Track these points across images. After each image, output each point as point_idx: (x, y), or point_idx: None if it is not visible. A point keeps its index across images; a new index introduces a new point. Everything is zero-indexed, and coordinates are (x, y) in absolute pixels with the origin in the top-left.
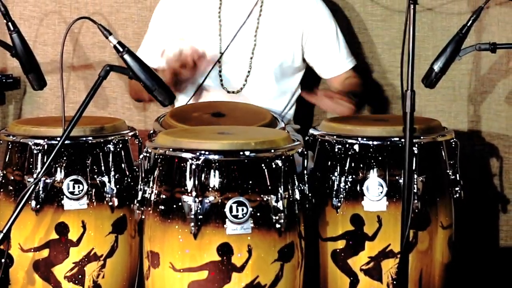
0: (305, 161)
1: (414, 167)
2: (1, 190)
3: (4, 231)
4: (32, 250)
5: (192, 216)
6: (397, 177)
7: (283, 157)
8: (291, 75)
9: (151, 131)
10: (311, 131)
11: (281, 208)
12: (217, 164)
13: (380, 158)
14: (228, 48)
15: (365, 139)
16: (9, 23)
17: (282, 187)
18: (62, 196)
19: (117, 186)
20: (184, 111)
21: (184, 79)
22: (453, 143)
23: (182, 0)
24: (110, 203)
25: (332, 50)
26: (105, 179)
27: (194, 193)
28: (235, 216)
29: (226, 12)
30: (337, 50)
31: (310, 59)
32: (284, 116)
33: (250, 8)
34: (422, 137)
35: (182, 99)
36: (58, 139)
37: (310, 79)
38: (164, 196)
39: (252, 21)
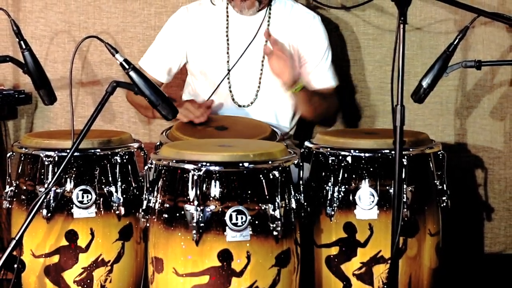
0: (301, 172)
1: (403, 178)
2: (14, 199)
3: (17, 238)
4: (43, 256)
5: (194, 224)
6: (387, 187)
7: (280, 168)
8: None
9: (158, 143)
10: (307, 143)
11: (278, 216)
12: (217, 175)
13: (371, 169)
14: (237, 65)
15: (357, 151)
16: (21, 42)
17: (279, 196)
18: (71, 205)
19: (124, 196)
20: (189, 125)
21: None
22: (441, 155)
23: (191, 19)
24: (117, 212)
25: (316, 65)
26: (112, 189)
27: (196, 202)
28: (235, 224)
29: (233, 31)
30: (320, 67)
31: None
32: (288, 132)
33: (257, 27)
34: (411, 149)
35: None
36: (68, 151)
37: None
38: (167, 205)
39: (260, 38)
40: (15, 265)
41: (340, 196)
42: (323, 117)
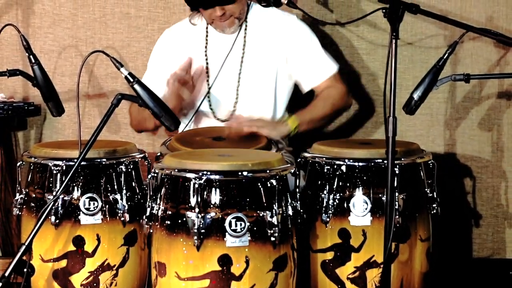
0: (297, 180)
1: (395, 186)
2: (24, 206)
3: (26, 243)
4: (52, 260)
5: (195, 230)
6: (380, 195)
7: (277, 177)
8: (279, 98)
9: (159, 154)
10: (303, 153)
11: (276, 223)
12: (217, 183)
13: (365, 177)
14: (216, 82)
15: (351, 160)
16: (31, 56)
17: (276, 204)
18: (78, 212)
19: (128, 203)
20: (188, 136)
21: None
22: (431, 164)
23: (175, 40)
24: (122, 218)
25: (309, 62)
26: (118, 196)
27: (197, 210)
28: (234, 230)
29: (211, 50)
30: (315, 59)
31: (294, 74)
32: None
33: (232, 42)
34: (403, 159)
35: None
36: (75, 160)
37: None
38: (170, 212)
39: (236, 52)
40: (25, 269)
41: (335, 203)
42: (336, 115)
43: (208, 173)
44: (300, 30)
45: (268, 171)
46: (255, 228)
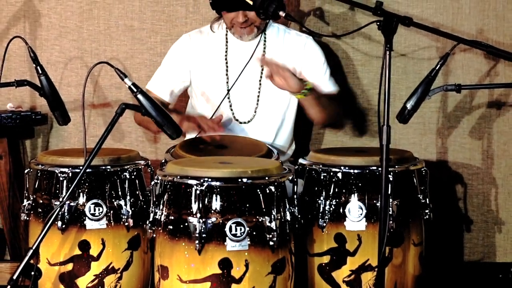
0: (295, 187)
1: (389, 192)
2: (31, 212)
3: (34, 247)
4: (58, 264)
5: (197, 235)
6: (374, 201)
7: (276, 183)
8: (291, 106)
9: (163, 161)
10: (300, 160)
11: (274, 228)
12: (218, 189)
13: (360, 184)
14: (237, 85)
15: (347, 167)
16: (38, 67)
17: (275, 209)
18: (84, 217)
19: (132, 209)
20: (191, 143)
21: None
22: (424, 171)
23: (193, 45)
24: (126, 223)
25: (318, 80)
26: (122, 202)
27: (198, 215)
28: (234, 235)
29: (232, 55)
30: (322, 80)
31: None
32: (286, 152)
33: (253, 49)
34: (396, 166)
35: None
36: (81, 167)
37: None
38: (172, 218)
39: (256, 60)
40: (32, 273)
41: (331, 209)
42: (333, 119)
43: (209, 179)
44: (316, 55)
45: (267, 178)
46: (254, 233)
